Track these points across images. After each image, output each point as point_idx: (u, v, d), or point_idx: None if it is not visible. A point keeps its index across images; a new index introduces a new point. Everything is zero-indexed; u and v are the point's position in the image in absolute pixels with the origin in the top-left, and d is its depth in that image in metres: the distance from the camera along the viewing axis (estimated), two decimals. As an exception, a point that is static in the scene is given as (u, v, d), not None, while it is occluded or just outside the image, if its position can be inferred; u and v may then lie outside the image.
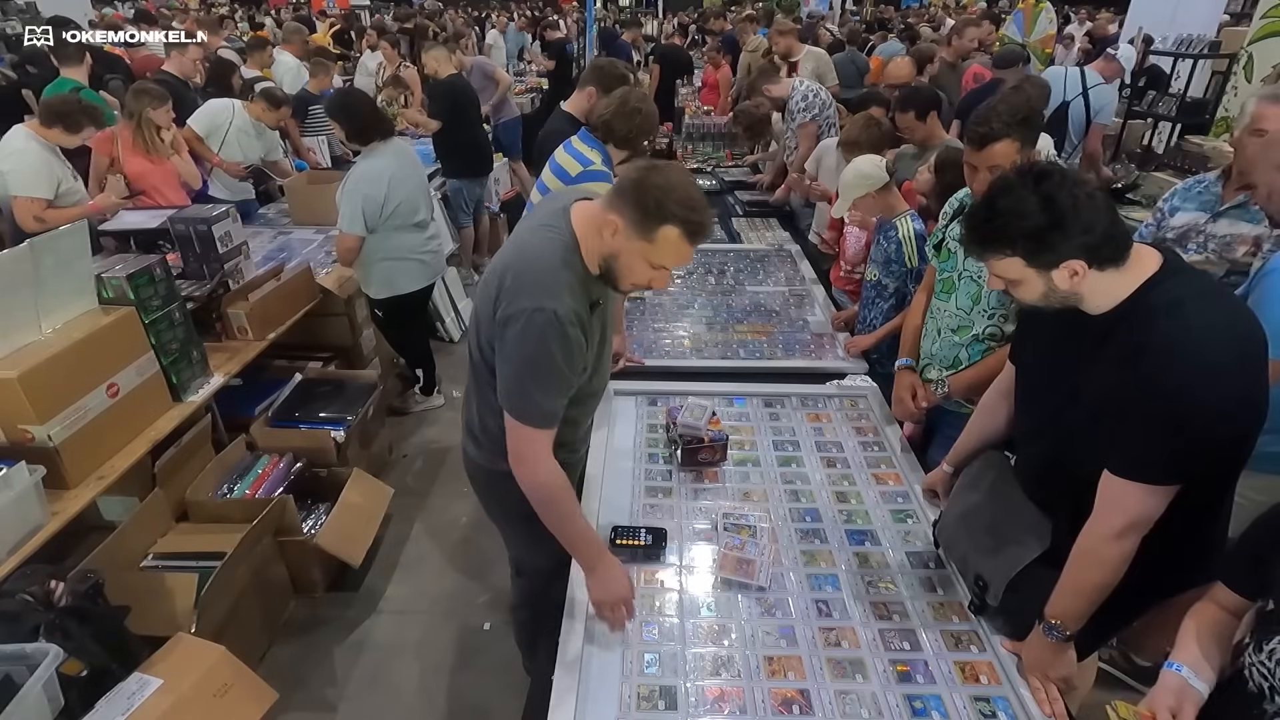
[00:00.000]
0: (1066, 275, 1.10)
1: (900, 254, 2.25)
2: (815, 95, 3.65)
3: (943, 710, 1.24)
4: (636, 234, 1.28)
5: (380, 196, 2.89)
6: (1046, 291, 1.14)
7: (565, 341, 1.30)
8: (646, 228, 1.27)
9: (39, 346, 1.86)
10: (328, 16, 12.16)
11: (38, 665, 1.38)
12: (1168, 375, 1.05)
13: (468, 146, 4.65)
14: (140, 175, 3.36)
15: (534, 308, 1.27)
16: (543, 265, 1.33)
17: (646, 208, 1.26)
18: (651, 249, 1.29)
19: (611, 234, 1.30)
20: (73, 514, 1.85)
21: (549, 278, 1.31)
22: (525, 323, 1.28)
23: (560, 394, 1.37)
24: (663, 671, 1.31)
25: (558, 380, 1.34)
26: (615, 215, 1.29)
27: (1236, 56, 5.66)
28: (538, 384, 1.33)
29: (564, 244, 1.36)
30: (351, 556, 2.43)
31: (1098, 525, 1.16)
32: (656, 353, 2.40)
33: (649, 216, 1.26)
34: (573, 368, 1.35)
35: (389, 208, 2.93)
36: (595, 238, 1.34)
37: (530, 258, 1.35)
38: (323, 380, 3.03)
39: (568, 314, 1.29)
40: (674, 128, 6.02)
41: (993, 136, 1.64)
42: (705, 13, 12.76)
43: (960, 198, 1.91)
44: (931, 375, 1.92)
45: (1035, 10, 7.49)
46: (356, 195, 2.87)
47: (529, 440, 1.36)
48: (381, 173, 2.90)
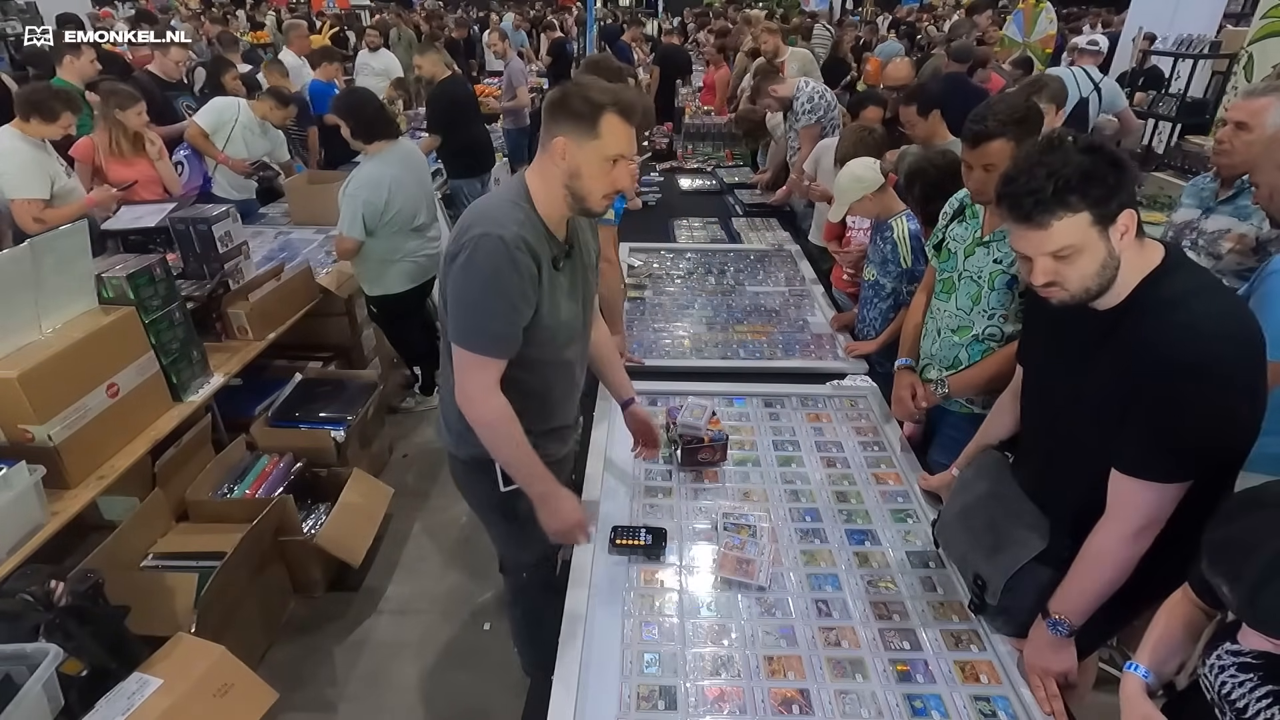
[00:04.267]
0: (1119, 234, 1.07)
1: (896, 254, 2.25)
2: (820, 97, 3.64)
3: (943, 710, 1.24)
4: (585, 137, 1.32)
5: (380, 202, 2.90)
6: (1105, 259, 1.08)
7: (513, 265, 1.31)
8: (589, 126, 1.31)
9: (39, 346, 1.87)
10: (325, 16, 12.16)
11: (38, 665, 1.38)
12: (1174, 368, 1.04)
13: (469, 146, 4.65)
14: (121, 181, 3.34)
15: (480, 234, 1.30)
16: (493, 204, 1.38)
17: (579, 111, 1.30)
18: (601, 143, 1.32)
19: (562, 155, 1.33)
20: (73, 514, 1.85)
21: (496, 211, 1.35)
22: (473, 248, 1.31)
23: (509, 318, 1.35)
24: (663, 671, 1.31)
25: (505, 302, 1.33)
26: (559, 137, 1.33)
27: (1236, 56, 5.66)
28: (484, 304, 1.33)
29: (515, 190, 1.40)
30: (351, 556, 2.43)
31: (1112, 526, 1.16)
32: (656, 353, 2.40)
33: (585, 116, 1.30)
34: (522, 293, 1.34)
35: (389, 213, 2.94)
36: (552, 175, 1.36)
37: (483, 204, 1.42)
38: (323, 380, 3.03)
39: (514, 239, 1.30)
40: (674, 128, 6.01)
41: (987, 135, 1.63)
42: (704, 13, 12.75)
43: (960, 197, 1.91)
44: (931, 375, 1.92)
45: (1035, 10, 7.49)
46: (357, 200, 2.87)
47: (477, 370, 1.37)
48: (382, 179, 2.90)
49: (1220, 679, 0.92)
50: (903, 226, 2.24)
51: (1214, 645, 0.97)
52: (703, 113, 6.30)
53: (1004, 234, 1.74)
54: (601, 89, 1.33)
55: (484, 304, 1.33)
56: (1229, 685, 0.91)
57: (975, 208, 1.83)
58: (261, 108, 4.01)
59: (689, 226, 3.71)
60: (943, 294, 1.89)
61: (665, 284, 2.96)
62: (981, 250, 1.78)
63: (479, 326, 1.35)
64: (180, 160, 3.89)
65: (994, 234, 1.76)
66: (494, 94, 7.02)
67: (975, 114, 1.68)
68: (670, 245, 3.40)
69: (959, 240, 1.85)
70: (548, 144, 1.35)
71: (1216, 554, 0.88)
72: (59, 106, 2.96)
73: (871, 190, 2.25)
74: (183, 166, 3.88)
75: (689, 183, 4.56)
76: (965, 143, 1.69)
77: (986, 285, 1.77)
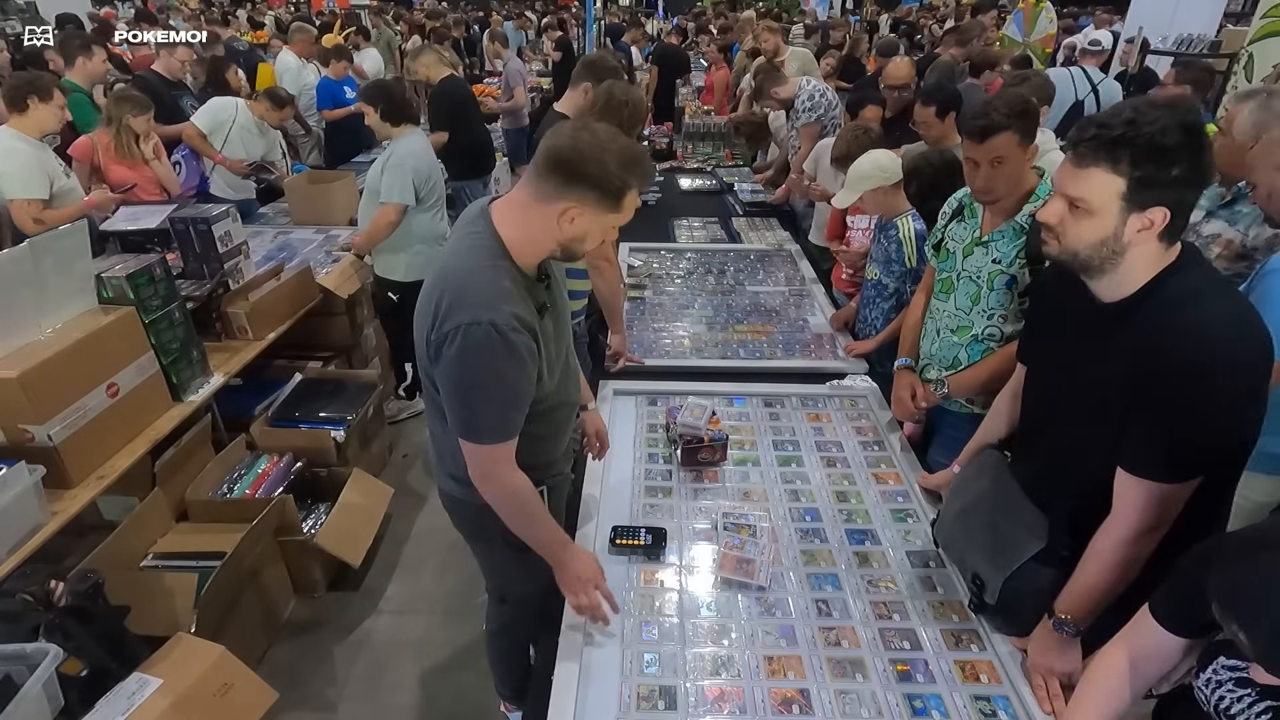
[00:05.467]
0: (1139, 226, 1.05)
1: (900, 254, 2.25)
2: (821, 96, 3.64)
3: (943, 709, 1.24)
4: (603, 209, 1.23)
5: (425, 169, 3.03)
6: (1107, 238, 1.07)
7: (510, 351, 1.20)
8: (612, 203, 1.23)
9: (39, 346, 1.86)
10: (324, 16, 12.15)
11: (38, 665, 1.38)
12: (1181, 368, 1.03)
13: (469, 148, 4.64)
14: (121, 182, 3.35)
15: (469, 321, 1.17)
16: (473, 276, 1.23)
17: (605, 187, 1.20)
18: (619, 216, 1.27)
19: (570, 221, 1.23)
20: (73, 514, 1.85)
21: (481, 287, 1.21)
22: (462, 339, 1.18)
23: (513, 408, 1.28)
24: (663, 671, 1.31)
25: (507, 395, 1.25)
26: (571, 204, 1.21)
27: (1236, 56, 5.66)
28: (487, 402, 1.24)
29: (488, 249, 1.26)
30: (351, 556, 2.43)
31: (1118, 526, 1.16)
32: (656, 353, 2.40)
33: (609, 193, 1.21)
34: (524, 376, 1.26)
35: (428, 185, 3.07)
36: (541, 231, 1.26)
37: (460, 272, 1.24)
38: (323, 380, 3.03)
39: (507, 321, 1.19)
40: (674, 127, 6.01)
41: (993, 129, 1.62)
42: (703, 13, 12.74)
43: (959, 197, 1.91)
44: (931, 375, 1.92)
45: (1035, 10, 7.49)
46: (405, 167, 2.96)
47: (488, 458, 1.30)
48: (424, 149, 3.08)
49: (1218, 694, 0.91)
50: (909, 226, 2.23)
51: (1208, 659, 0.95)
52: (703, 113, 6.30)
53: (1003, 234, 1.74)
54: (622, 158, 1.20)
55: (487, 400, 1.24)
56: (1227, 700, 0.90)
57: (975, 207, 1.83)
58: (258, 108, 4.02)
59: (689, 226, 3.71)
60: (942, 294, 1.89)
61: (665, 284, 2.96)
62: (980, 250, 1.78)
63: (484, 420, 1.26)
64: (177, 160, 3.89)
65: (993, 234, 1.76)
66: (493, 94, 7.03)
67: (976, 110, 1.68)
68: (670, 245, 3.40)
69: (958, 240, 1.85)
70: (552, 202, 1.22)
71: (1229, 598, 0.84)
72: (49, 84, 2.97)
73: (890, 182, 2.25)
74: (180, 166, 3.88)
75: (689, 183, 4.56)
76: (971, 139, 1.67)
77: (985, 285, 1.77)
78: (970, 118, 1.69)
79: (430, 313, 1.24)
